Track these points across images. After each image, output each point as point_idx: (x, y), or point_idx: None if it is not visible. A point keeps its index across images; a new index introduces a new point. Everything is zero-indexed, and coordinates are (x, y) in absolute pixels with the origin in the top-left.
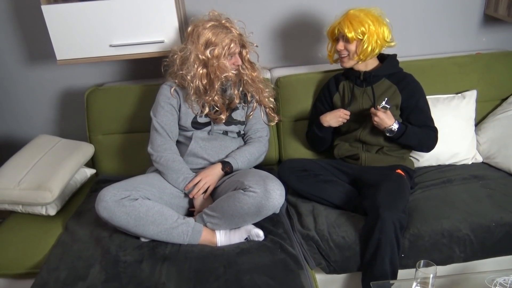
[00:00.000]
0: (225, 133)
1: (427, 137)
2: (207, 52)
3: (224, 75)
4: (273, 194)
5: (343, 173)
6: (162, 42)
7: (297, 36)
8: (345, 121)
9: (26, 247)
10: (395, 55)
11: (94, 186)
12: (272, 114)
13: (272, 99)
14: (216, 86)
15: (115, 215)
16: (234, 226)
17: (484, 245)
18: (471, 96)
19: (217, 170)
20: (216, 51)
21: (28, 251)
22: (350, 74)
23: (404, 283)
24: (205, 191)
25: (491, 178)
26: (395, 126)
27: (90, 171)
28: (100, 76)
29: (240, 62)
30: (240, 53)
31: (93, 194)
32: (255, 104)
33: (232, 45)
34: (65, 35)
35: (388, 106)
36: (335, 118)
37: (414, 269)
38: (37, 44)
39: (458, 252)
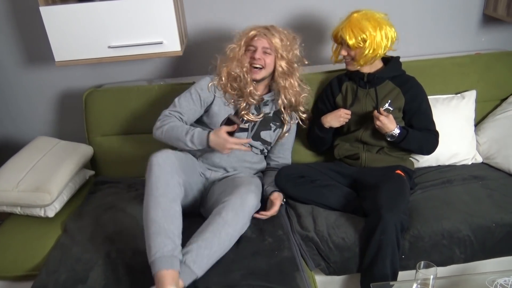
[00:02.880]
0: (249, 147)
1: (428, 141)
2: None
3: (244, 69)
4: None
5: (341, 175)
6: (161, 43)
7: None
8: (346, 120)
9: (24, 249)
10: (398, 58)
11: (93, 187)
12: (306, 122)
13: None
14: (247, 86)
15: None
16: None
17: (484, 245)
18: (471, 96)
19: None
20: (238, 38)
21: (27, 253)
22: (353, 75)
23: (405, 284)
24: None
25: (491, 179)
26: (396, 131)
27: (89, 173)
28: (99, 77)
29: (257, 58)
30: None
31: (92, 196)
32: (290, 126)
33: (252, 33)
34: (64, 36)
35: (391, 109)
36: (336, 118)
37: (414, 270)
38: (35, 45)
39: (458, 253)
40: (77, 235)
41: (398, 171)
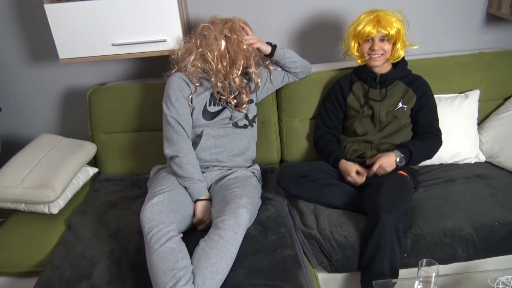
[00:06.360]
0: (235, 124)
1: (432, 147)
2: (226, 30)
3: (245, 46)
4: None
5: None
6: (165, 41)
7: (298, 37)
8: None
9: (28, 245)
10: (404, 58)
11: (96, 184)
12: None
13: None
14: (239, 64)
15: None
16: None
17: (487, 244)
18: (474, 95)
19: (207, 205)
20: (234, 27)
21: (31, 250)
22: (365, 75)
23: (407, 282)
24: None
25: (494, 177)
26: (399, 156)
27: (92, 170)
28: (103, 75)
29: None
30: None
31: (96, 193)
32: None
33: (243, 26)
34: (68, 34)
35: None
36: (345, 174)
37: (417, 268)
38: (39, 43)
39: (460, 251)
40: (81, 232)
41: (401, 171)
